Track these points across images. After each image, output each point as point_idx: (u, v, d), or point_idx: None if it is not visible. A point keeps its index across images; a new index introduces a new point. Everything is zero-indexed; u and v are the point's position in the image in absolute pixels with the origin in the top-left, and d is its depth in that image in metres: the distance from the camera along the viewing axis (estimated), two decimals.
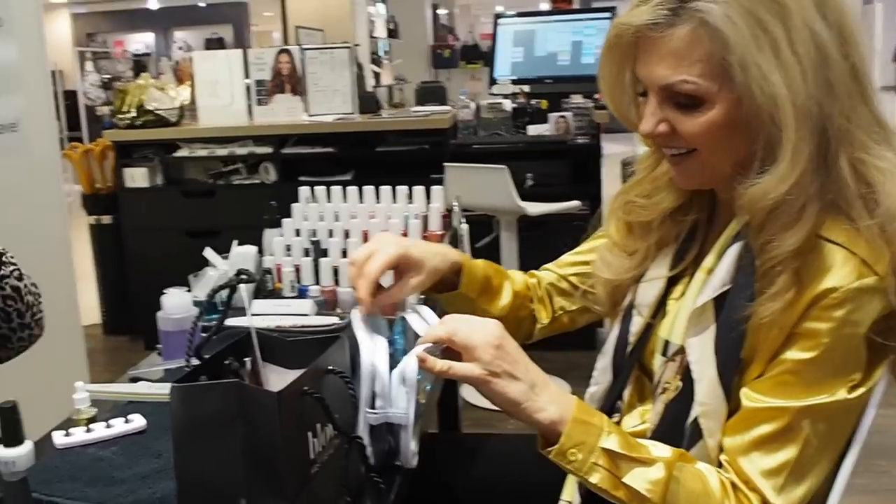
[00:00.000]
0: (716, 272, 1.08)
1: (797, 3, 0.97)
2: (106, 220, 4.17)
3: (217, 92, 4.16)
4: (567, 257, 1.44)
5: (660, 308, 1.20)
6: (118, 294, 4.54)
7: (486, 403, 1.07)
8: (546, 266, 1.46)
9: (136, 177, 4.07)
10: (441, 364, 1.04)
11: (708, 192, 1.19)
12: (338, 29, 7.04)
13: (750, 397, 1.02)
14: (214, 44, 13.44)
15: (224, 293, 1.16)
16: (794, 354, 0.99)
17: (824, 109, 0.98)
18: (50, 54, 2.88)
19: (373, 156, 4.14)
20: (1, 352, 1.40)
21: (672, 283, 1.19)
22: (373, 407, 1.09)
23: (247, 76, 4.19)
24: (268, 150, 4.09)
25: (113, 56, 14.49)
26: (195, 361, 1.05)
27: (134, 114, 3.99)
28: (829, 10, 0.99)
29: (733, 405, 1.04)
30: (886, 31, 12.51)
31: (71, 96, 13.01)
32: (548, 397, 1.04)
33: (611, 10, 4.56)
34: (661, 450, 1.03)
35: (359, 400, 1.07)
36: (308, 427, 0.99)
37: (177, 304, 1.53)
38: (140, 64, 12.58)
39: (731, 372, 1.03)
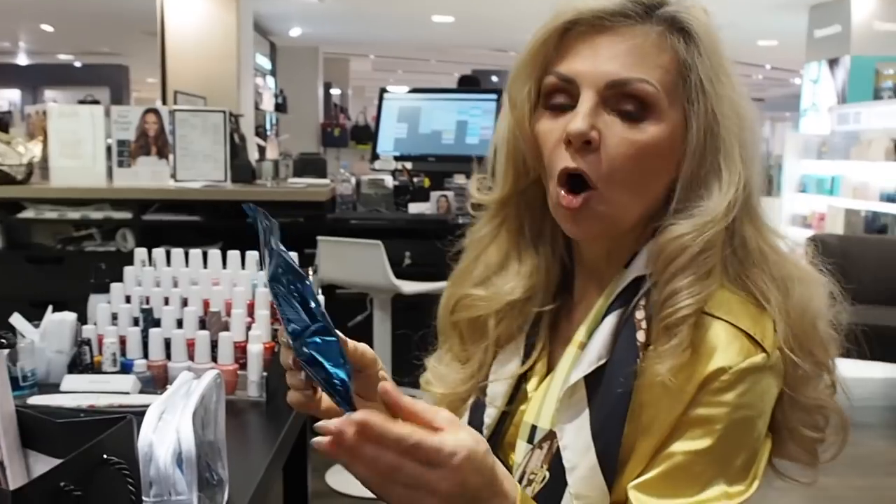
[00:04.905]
0: (590, 345, 0.94)
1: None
2: None
3: (78, 152, 3.87)
4: None
5: (515, 394, 1.03)
6: None
7: (359, 491, 0.87)
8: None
9: None
10: None
11: (564, 269, 1.04)
12: (221, 98, 6.85)
13: (641, 502, 0.89)
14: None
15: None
16: (684, 445, 0.88)
17: (748, 162, 0.93)
18: None
19: (243, 227, 3.88)
20: None
21: (523, 375, 1.04)
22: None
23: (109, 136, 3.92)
24: (126, 215, 3.82)
25: None
26: None
27: None
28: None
29: (615, 498, 0.90)
30: None
31: None
32: None
33: (498, 91, 4.53)
34: None
35: (140, 498, 0.85)
36: None
37: None
38: (2, 122, 12.03)
39: (614, 459, 0.90)
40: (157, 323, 1.68)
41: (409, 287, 3.37)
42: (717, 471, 0.88)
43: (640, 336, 0.90)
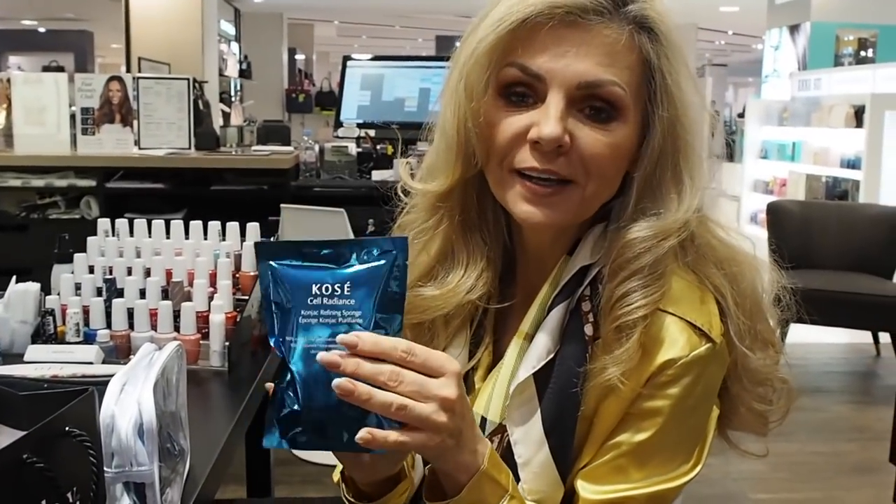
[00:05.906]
0: (537, 338, 0.94)
1: None
2: None
3: (42, 119, 3.84)
4: None
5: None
6: None
7: (323, 458, 0.90)
8: None
9: None
10: (395, 436, 0.77)
11: (507, 258, 1.03)
12: (186, 64, 6.78)
13: (588, 490, 0.92)
14: (53, 72, 12.71)
15: None
16: (630, 437, 0.91)
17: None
18: None
19: (207, 194, 3.92)
20: None
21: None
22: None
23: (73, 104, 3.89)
24: (91, 183, 3.81)
25: None
26: None
27: None
28: None
29: (565, 488, 0.93)
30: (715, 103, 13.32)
31: None
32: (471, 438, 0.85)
33: None
34: None
35: (102, 469, 0.88)
36: None
37: None
38: None
39: (568, 455, 0.92)
40: (120, 293, 1.69)
41: None
42: (663, 457, 0.91)
43: (588, 329, 0.91)
